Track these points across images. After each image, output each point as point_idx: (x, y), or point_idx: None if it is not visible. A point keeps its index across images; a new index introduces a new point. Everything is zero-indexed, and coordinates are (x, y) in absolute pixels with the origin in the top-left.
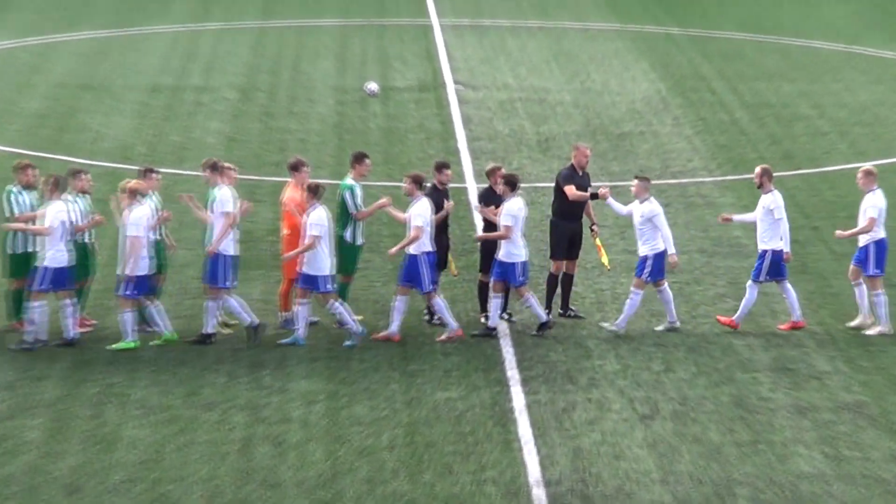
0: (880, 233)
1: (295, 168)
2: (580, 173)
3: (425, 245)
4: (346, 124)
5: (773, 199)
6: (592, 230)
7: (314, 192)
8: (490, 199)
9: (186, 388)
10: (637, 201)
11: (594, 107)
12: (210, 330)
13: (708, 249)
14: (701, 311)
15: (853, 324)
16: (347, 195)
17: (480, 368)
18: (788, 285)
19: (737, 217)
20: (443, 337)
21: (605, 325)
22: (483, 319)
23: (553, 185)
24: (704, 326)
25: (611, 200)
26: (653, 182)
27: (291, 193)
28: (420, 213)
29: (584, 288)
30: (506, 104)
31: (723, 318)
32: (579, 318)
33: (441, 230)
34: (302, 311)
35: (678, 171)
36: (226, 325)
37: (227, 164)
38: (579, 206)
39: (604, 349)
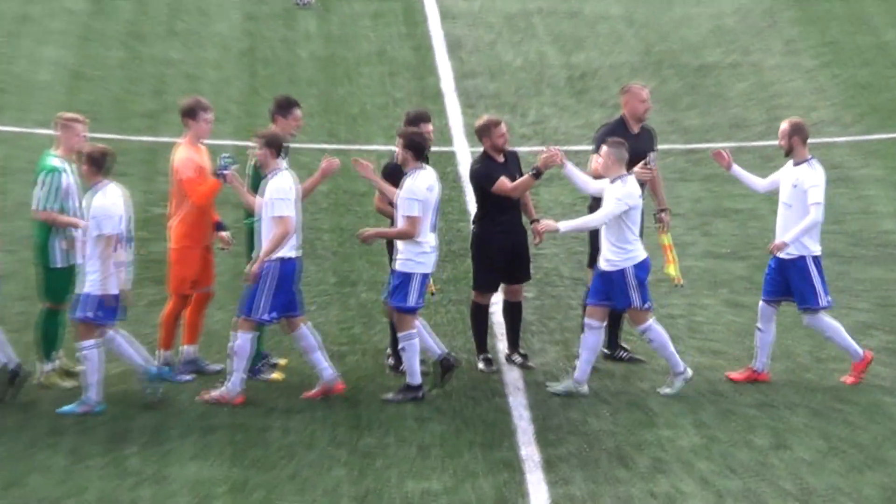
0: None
1: (190, 114)
2: (635, 130)
3: (284, 247)
4: (261, 52)
5: (810, 174)
6: (660, 218)
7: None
8: (489, 173)
9: (2, 475)
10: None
11: (658, 24)
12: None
13: (842, 252)
14: (831, 352)
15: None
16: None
17: (478, 443)
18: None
19: (738, 172)
20: (311, 393)
21: (666, 390)
22: (481, 365)
23: (592, 147)
24: (836, 375)
25: (570, 169)
26: (754, 143)
27: (187, 154)
28: (277, 191)
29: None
30: (517, 19)
31: (735, 374)
32: (636, 360)
33: None
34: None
35: None
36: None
37: (68, 116)
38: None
39: (674, 412)
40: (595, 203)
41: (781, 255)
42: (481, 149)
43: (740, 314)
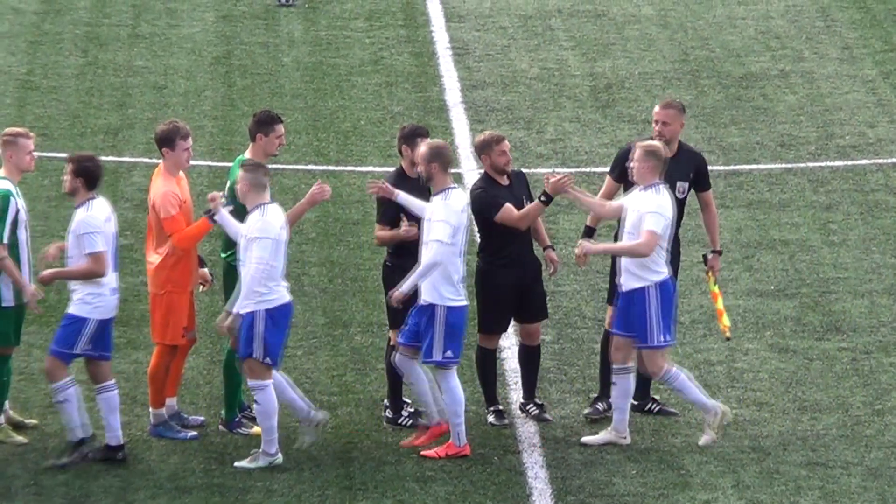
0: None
1: (167, 143)
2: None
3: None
4: (239, 58)
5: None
6: (709, 265)
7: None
8: (492, 199)
9: None
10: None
11: (696, 27)
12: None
13: None
14: (892, 402)
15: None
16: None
17: None
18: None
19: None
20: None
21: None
22: (491, 418)
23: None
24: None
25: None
26: (805, 164)
27: (165, 187)
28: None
29: (683, 361)
30: (533, 21)
31: (428, 452)
32: (668, 413)
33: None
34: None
35: (850, 146)
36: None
37: (13, 131)
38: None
39: (712, 471)
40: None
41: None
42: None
43: (788, 360)
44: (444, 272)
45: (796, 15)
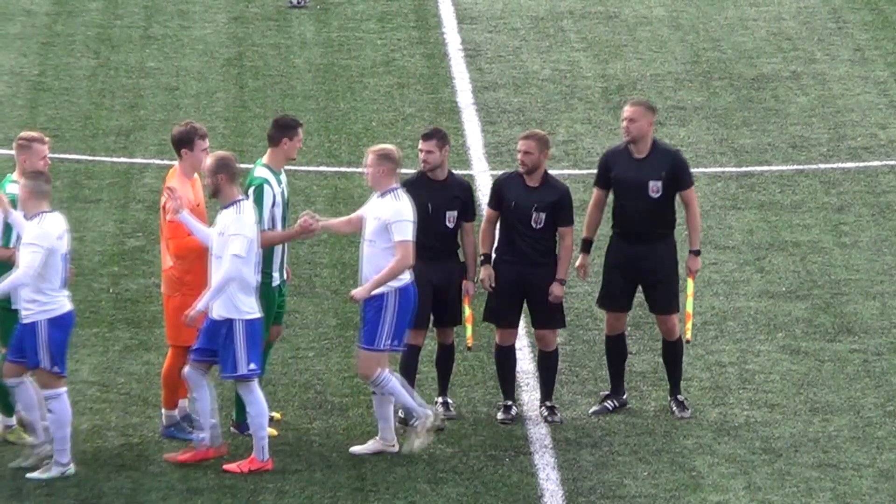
0: None
1: (186, 143)
2: (637, 155)
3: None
4: (250, 60)
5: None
6: (686, 265)
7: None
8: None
9: None
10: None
11: (707, 28)
12: None
13: None
14: None
15: None
16: (267, 194)
17: None
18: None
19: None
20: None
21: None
22: (500, 414)
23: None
24: None
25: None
26: (817, 166)
27: (180, 189)
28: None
29: (694, 362)
30: (545, 23)
31: (230, 466)
32: (674, 413)
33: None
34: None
35: (862, 148)
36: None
37: (28, 136)
38: (639, 216)
39: (723, 473)
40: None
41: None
42: (500, 171)
43: (799, 362)
44: (241, 285)
45: (808, 16)
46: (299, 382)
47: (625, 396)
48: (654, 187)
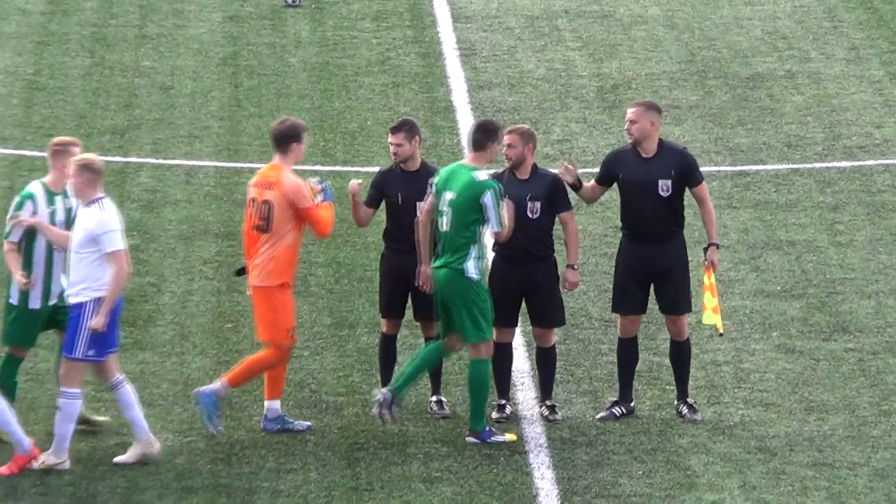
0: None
1: (296, 138)
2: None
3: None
4: (245, 59)
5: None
6: (707, 258)
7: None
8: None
9: None
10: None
11: (702, 28)
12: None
13: None
14: None
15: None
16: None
17: None
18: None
19: None
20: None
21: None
22: (494, 413)
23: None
24: None
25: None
26: (812, 165)
27: (294, 180)
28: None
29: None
30: (540, 22)
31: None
32: (685, 416)
33: None
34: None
35: (857, 147)
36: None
37: (67, 140)
38: (650, 216)
39: (718, 472)
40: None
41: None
42: (495, 170)
43: (794, 361)
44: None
45: (803, 15)
46: (294, 381)
47: (632, 404)
48: (664, 186)
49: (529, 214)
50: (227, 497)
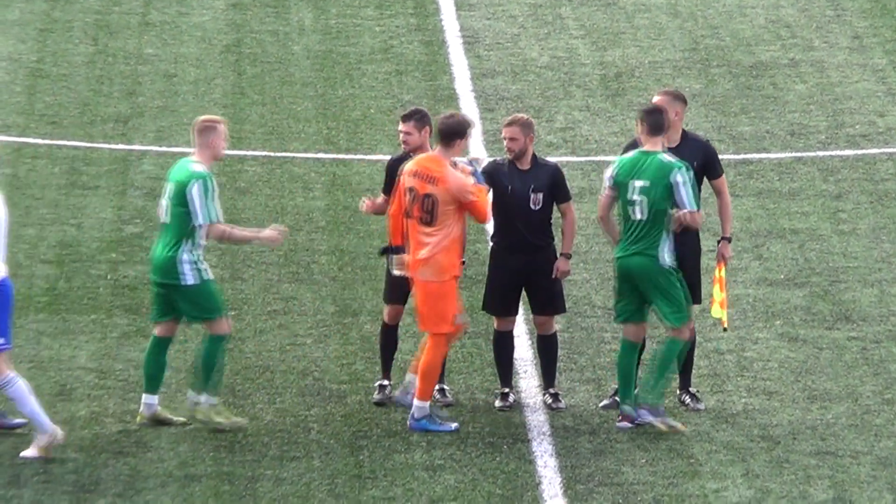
0: None
1: (462, 134)
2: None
3: None
4: (249, 47)
5: None
6: (718, 252)
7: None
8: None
9: None
10: None
11: (706, 16)
12: None
13: None
14: None
15: None
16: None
17: (497, 495)
18: None
19: None
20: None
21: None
22: (497, 401)
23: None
24: None
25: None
26: (815, 153)
27: (454, 174)
28: None
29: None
30: (543, 10)
31: None
32: (688, 405)
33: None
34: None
35: (860, 135)
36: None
37: (213, 118)
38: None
39: (721, 460)
40: None
41: None
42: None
43: (797, 349)
44: None
45: (806, 4)
46: (297, 369)
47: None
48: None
49: (532, 206)
50: (230, 484)
